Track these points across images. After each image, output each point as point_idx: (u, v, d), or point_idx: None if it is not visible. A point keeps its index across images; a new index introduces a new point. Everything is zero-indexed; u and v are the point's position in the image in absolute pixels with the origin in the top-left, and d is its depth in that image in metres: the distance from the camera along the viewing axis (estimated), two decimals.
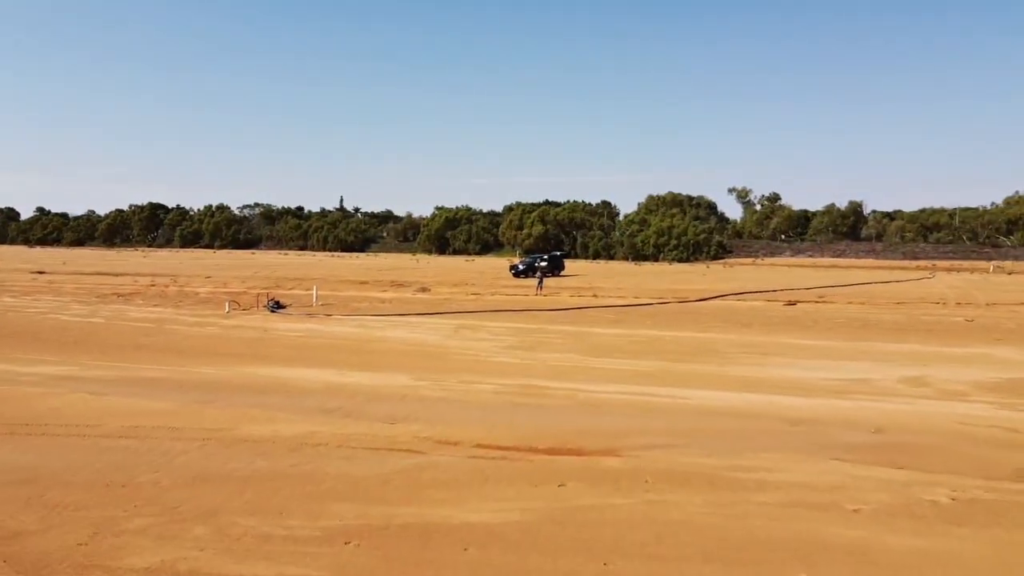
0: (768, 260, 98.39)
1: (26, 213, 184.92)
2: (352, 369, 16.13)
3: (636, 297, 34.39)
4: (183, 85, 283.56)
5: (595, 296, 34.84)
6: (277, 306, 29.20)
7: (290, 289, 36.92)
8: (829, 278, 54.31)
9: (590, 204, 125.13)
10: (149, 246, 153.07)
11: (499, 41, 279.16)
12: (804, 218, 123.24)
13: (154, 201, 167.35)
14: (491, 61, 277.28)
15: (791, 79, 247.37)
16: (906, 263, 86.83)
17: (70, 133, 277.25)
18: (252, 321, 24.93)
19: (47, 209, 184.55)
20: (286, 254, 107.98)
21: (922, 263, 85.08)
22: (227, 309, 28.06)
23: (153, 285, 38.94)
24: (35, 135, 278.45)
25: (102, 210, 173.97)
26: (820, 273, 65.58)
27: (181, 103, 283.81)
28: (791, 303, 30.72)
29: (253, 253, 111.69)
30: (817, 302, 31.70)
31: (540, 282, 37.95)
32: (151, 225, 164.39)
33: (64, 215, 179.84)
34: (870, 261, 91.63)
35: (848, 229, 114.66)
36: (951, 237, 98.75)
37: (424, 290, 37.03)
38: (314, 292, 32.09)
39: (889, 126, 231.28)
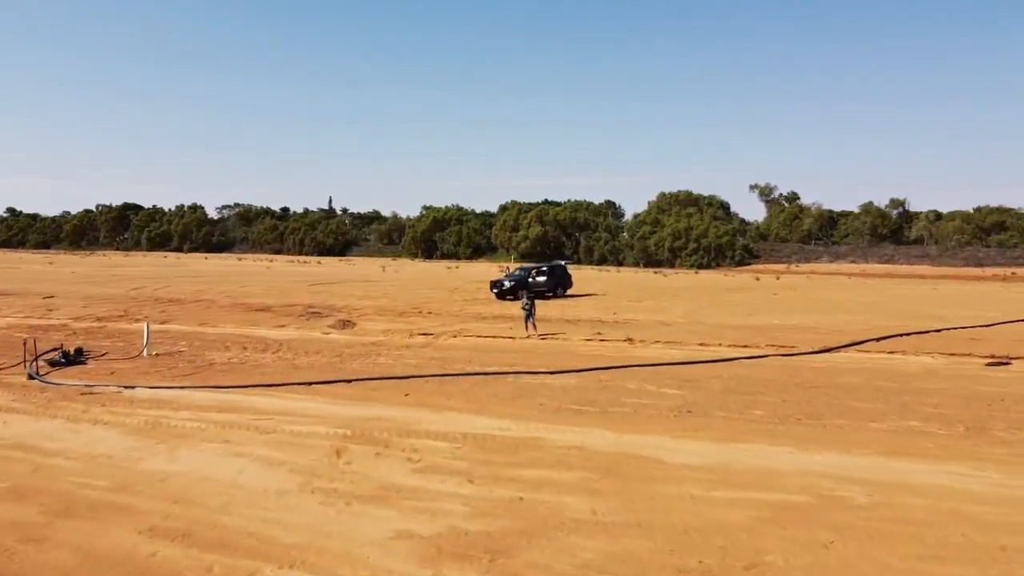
0: (804, 267, 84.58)
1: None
2: None
3: (701, 344, 19.26)
4: (182, 86, 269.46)
5: (629, 340, 19.92)
6: (67, 360, 16.66)
7: (137, 321, 23.14)
8: (941, 298, 39.37)
9: (593, 203, 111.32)
10: (117, 248, 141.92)
11: (497, 41, 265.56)
12: (830, 218, 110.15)
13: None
14: (491, 61, 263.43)
15: (789, 78, 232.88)
16: (973, 271, 73.05)
17: (67, 133, 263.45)
18: None
19: (17, 210, 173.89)
20: (241, 259, 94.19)
21: (997, 271, 71.29)
22: None
23: None
24: (32, 135, 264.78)
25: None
26: (915, 290, 50.52)
27: (181, 103, 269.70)
28: (997, 361, 16.47)
29: (207, 258, 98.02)
30: None
31: (529, 316, 21.63)
32: (120, 226, 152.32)
33: (34, 216, 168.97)
34: (927, 268, 77.83)
35: (889, 231, 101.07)
36: (1016, 240, 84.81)
37: (347, 324, 22.31)
38: (145, 333, 18.52)
39: (892, 125, 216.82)
